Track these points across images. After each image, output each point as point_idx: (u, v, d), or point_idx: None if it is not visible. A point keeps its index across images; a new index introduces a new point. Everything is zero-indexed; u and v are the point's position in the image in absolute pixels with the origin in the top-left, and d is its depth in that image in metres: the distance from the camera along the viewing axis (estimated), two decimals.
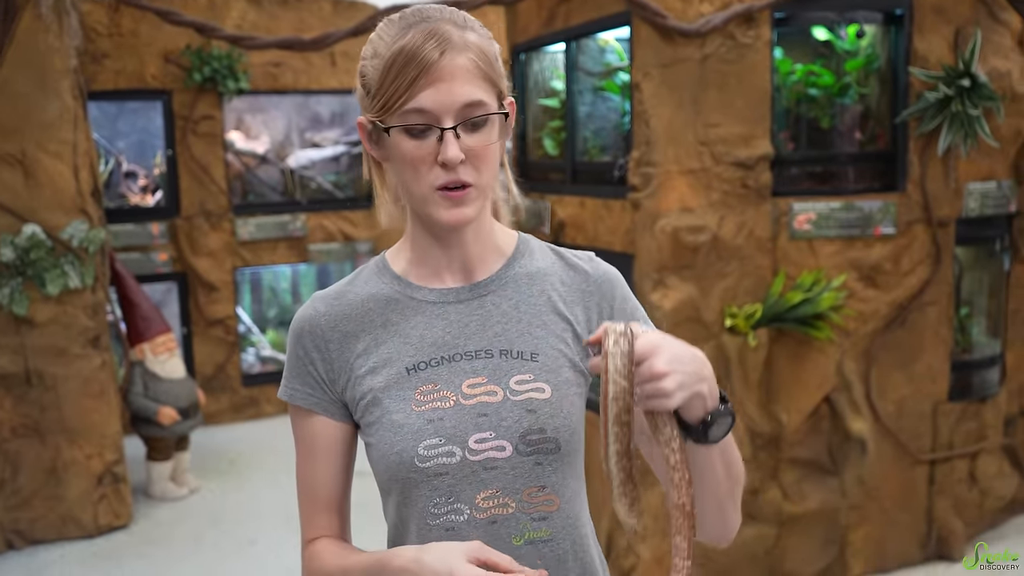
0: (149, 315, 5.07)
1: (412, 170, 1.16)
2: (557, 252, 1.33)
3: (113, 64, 6.09)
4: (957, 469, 4.10)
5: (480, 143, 1.16)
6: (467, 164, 1.15)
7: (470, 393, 1.20)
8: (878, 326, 3.83)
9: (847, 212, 3.73)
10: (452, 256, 1.25)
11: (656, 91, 3.58)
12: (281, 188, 6.91)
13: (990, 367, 4.23)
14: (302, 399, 1.26)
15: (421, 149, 1.15)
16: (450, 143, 1.13)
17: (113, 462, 4.70)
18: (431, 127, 1.14)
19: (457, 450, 1.19)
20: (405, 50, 1.12)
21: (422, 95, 1.12)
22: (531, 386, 1.21)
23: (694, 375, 1.04)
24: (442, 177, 1.15)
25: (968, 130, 3.70)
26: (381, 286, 1.26)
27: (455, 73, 1.13)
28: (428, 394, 1.20)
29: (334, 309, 1.26)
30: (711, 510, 1.18)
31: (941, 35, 3.75)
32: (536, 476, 1.20)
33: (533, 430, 1.20)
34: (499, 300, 1.25)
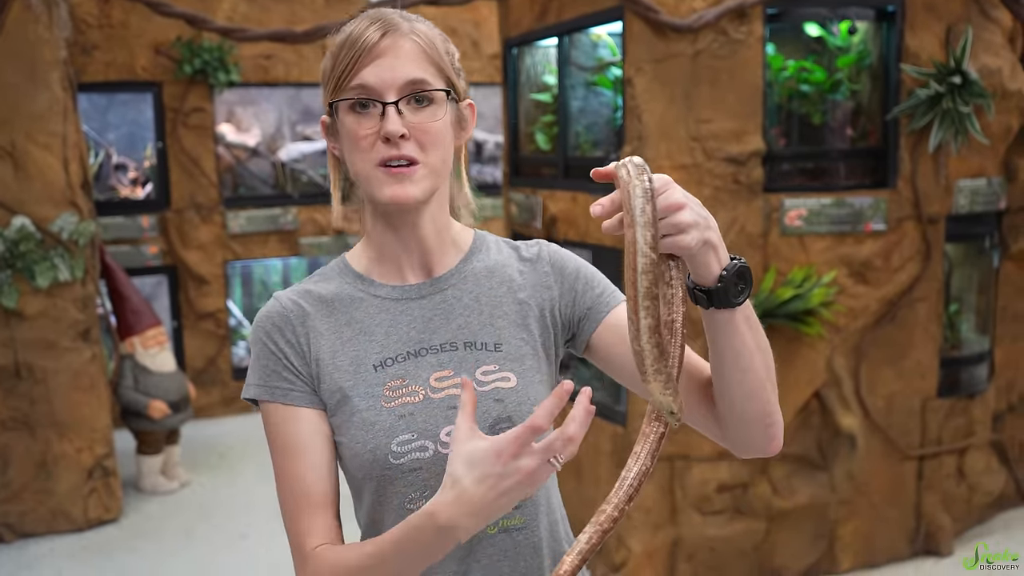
0: (139, 308, 5.06)
1: (355, 147, 1.18)
2: (512, 245, 1.35)
3: (103, 56, 6.06)
4: (945, 465, 4.13)
5: (423, 120, 1.17)
6: (411, 141, 1.17)
7: (438, 387, 1.21)
8: (868, 322, 3.85)
9: (838, 208, 3.75)
10: (410, 249, 1.26)
11: (648, 86, 3.59)
12: (272, 181, 6.90)
13: (979, 363, 4.26)
14: (282, 396, 1.21)
15: (363, 126, 1.17)
16: (391, 117, 1.15)
17: (103, 456, 4.69)
18: (373, 102, 1.16)
19: (430, 444, 1.19)
20: (351, 34, 1.18)
21: (364, 71, 1.16)
22: (497, 376, 1.22)
23: (704, 218, 1.00)
24: (383, 151, 1.16)
25: (959, 127, 3.72)
26: (344, 285, 1.27)
27: (397, 52, 1.16)
28: (396, 390, 1.20)
29: (299, 306, 1.24)
30: (752, 398, 1.12)
31: (932, 32, 3.76)
32: None
33: (502, 419, 1.20)
34: (460, 293, 1.26)
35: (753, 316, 1.10)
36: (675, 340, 1.02)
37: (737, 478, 3.82)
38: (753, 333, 1.10)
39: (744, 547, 3.88)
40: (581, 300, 1.29)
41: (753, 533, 3.87)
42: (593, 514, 1.06)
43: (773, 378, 1.15)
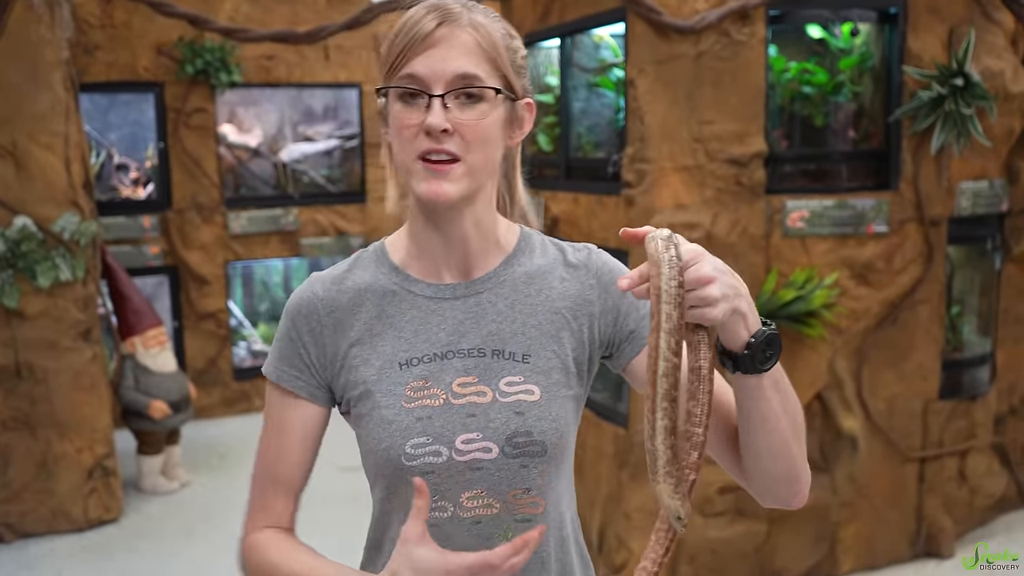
0: (140, 308, 5.06)
1: (399, 137, 1.15)
2: (559, 247, 1.30)
3: (105, 56, 6.07)
4: (947, 467, 4.12)
5: (470, 118, 1.13)
6: (455, 136, 1.13)
7: (460, 392, 1.19)
8: (870, 324, 3.85)
9: (840, 210, 3.74)
10: (452, 249, 1.22)
11: (651, 87, 3.59)
12: (273, 182, 6.90)
13: (980, 366, 4.25)
14: (288, 381, 1.23)
15: (409, 116, 1.14)
16: (435, 110, 1.12)
17: (104, 456, 4.69)
18: (421, 93, 1.13)
19: (444, 450, 1.17)
20: (407, 22, 1.14)
21: (415, 60, 1.12)
22: (521, 388, 1.20)
23: (733, 288, 0.99)
24: (424, 144, 1.13)
25: (961, 129, 3.72)
26: (379, 276, 1.25)
27: (451, 43, 1.13)
28: (419, 391, 1.19)
29: (331, 295, 1.23)
30: (778, 458, 1.12)
31: (935, 34, 3.76)
32: (521, 478, 1.19)
33: (520, 432, 1.18)
34: (495, 299, 1.23)
35: (782, 379, 1.09)
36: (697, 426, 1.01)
37: None
38: (781, 396, 1.09)
39: (745, 549, 3.88)
40: (624, 322, 1.25)
41: (754, 535, 3.87)
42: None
43: (802, 437, 1.14)
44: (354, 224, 6.96)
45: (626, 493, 3.74)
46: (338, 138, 7.09)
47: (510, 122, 1.20)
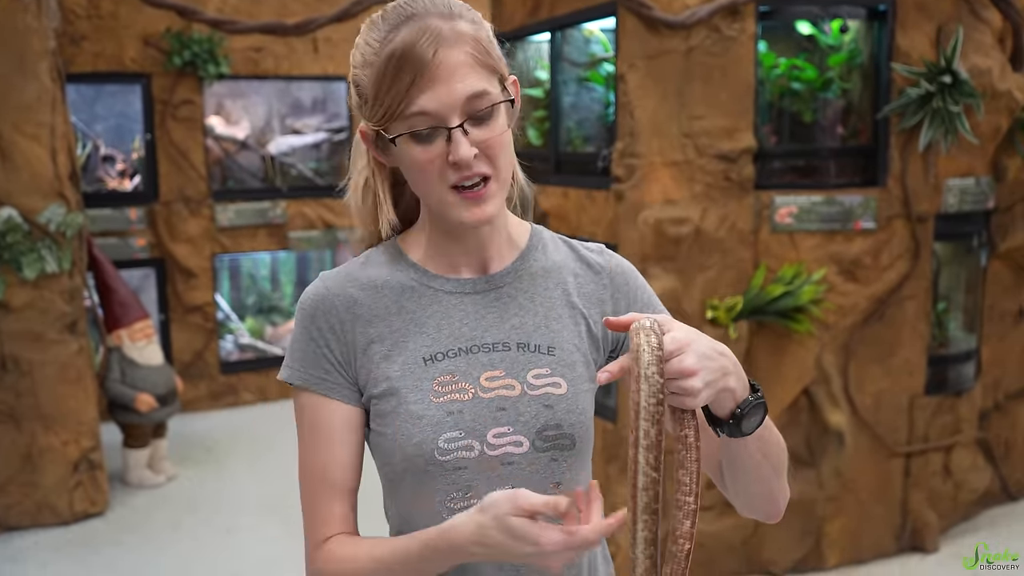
0: (127, 301, 5.03)
1: (424, 175, 1.13)
2: (569, 244, 1.31)
3: (92, 46, 6.02)
4: (932, 462, 4.15)
5: (489, 134, 1.12)
6: (480, 158, 1.12)
7: (488, 386, 1.18)
8: (857, 320, 3.87)
9: (828, 206, 3.76)
10: (469, 250, 1.23)
11: (641, 82, 3.59)
12: (261, 175, 6.87)
13: (966, 362, 4.28)
14: (317, 384, 1.20)
15: (430, 153, 1.11)
16: (460, 142, 1.10)
17: (89, 449, 4.67)
18: (437, 128, 1.10)
19: (476, 444, 1.16)
20: (396, 54, 1.09)
21: (422, 98, 1.09)
22: (548, 380, 1.20)
23: (719, 371, 1.02)
24: (455, 176, 1.12)
25: (948, 126, 3.74)
26: (397, 273, 1.23)
27: (452, 69, 1.09)
28: (446, 385, 1.17)
29: (348, 291, 1.21)
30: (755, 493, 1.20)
31: (923, 32, 3.78)
32: (551, 472, 1.19)
33: (550, 426, 1.18)
34: (515, 292, 1.24)
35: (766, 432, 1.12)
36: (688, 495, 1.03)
37: None
38: (763, 445, 1.13)
39: (732, 542, 3.89)
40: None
41: (742, 529, 3.89)
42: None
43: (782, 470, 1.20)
44: (342, 217, 6.94)
45: (614, 487, 3.75)
46: (326, 131, 7.07)
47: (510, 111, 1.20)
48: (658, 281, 3.64)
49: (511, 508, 1.00)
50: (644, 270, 3.63)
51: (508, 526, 0.99)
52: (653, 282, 3.62)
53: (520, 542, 0.99)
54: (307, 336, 1.20)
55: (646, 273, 3.63)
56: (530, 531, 0.99)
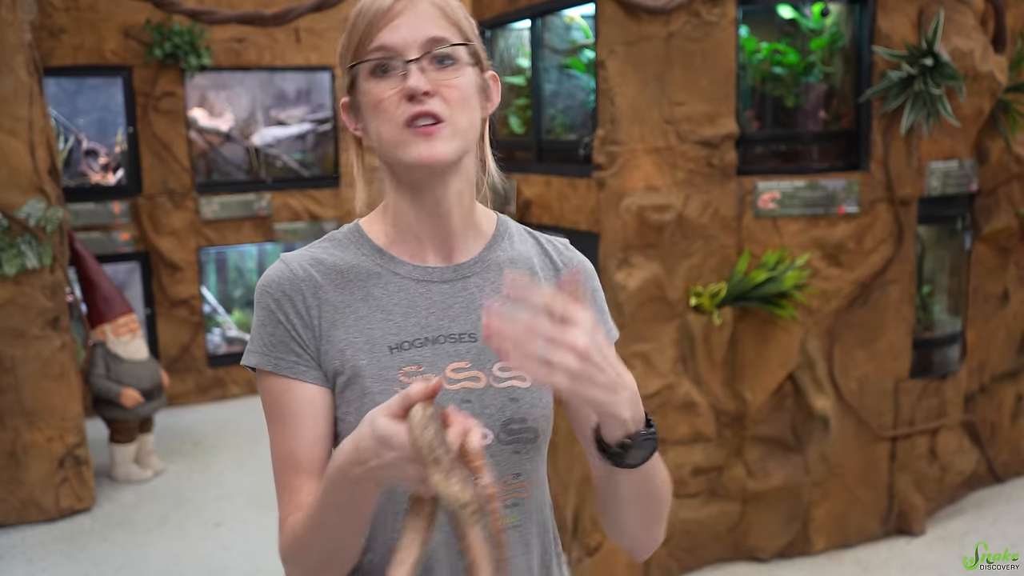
0: (110, 296, 4.99)
1: (378, 111, 1.13)
2: (534, 236, 1.31)
3: (71, 39, 5.96)
4: (918, 445, 4.15)
5: (448, 78, 1.13)
6: (436, 98, 1.12)
7: (454, 378, 1.17)
8: (841, 304, 3.85)
9: (811, 191, 3.74)
10: (433, 227, 1.20)
11: (621, 69, 3.56)
12: (246, 166, 6.83)
13: (951, 345, 4.28)
14: (288, 368, 1.16)
15: (386, 87, 1.12)
16: (414, 73, 1.11)
17: (75, 445, 4.64)
18: (395, 60, 1.12)
19: None
20: (364, 4, 1.14)
21: (382, 33, 1.12)
22: (513, 373, 1.19)
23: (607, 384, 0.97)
24: (408, 110, 1.11)
25: (930, 109, 3.72)
26: (361, 257, 1.20)
27: (416, 11, 1.13)
28: (412, 376, 1.15)
29: (311, 274, 1.18)
30: (627, 529, 1.20)
31: (904, 14, 3.75)
32: (513, 464, 1.19)
33: (515, 419, 1.18)
34: (482, 283, 1.22)
35: (652, 469, 1.10)
36: None
37: (712, 461, 3.83)
38: (646, 486, 1.12)
39: (719, 529, 3.89)
40: None
41: (728, 515, 3.88)
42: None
43: (660, 518, 1.19)
44: (328, 209, 6.90)
45: None
46: (311, 122, 7.02)
47: (482, 90, 1.19)
48: (641, 269, 3.62)
49: (382, 408, 0.97)
50: (627, 258, 3.61)
51: (374, 427, 0.96)
52: (636, 270, 3.61)
53: (384, 444, 0.95)
54: (272, 320, 1.17)
55: (629, 262, 3.61)
56: (391, 430, 0.94)
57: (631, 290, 3.60)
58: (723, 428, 3.83)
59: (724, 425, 3.83)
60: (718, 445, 3.83)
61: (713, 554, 3.92)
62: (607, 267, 3.63)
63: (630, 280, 3.60)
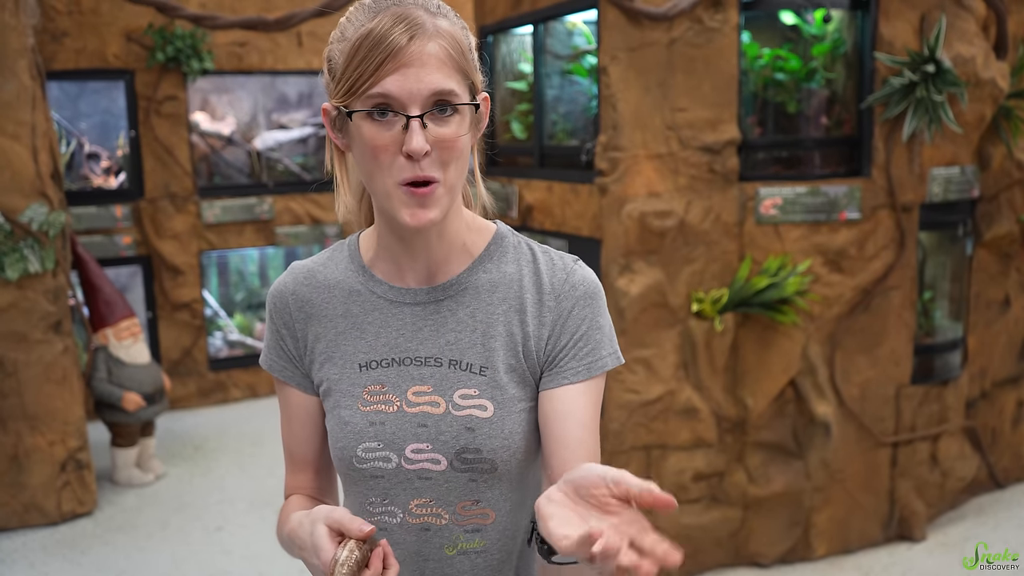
0: (112, 299, 5.00)
1: (374, 159, 1.10)
2: (534, 254, 1.24)
3: (73, 43, 5.97)
4: (919, 451, 4.15)
5: (449, 135, 1.10)
6: (433, 158, 1.09)
7: (414, 401, 1.19)
8: (843, 310, 3.86)
9: (813, 197, 3.74)
10: (416, 256, 1.20)
11: (623, 75, 3.57)
12: (247, 170, 6.83)
13: (952, 350, 4.28)
14: (278, 371, 1.29)
15: (384, 136, 1.08)
16: (415, 132, 1.07)
17: (76, 448, 4.64)
18: (396, 113, 1.08)
19: (394, 456, 1.19)
20: (373, 33, 1.07)
21: (388, 80, 1.06)
22: (474, 402, 1.18)
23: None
24: (406, 171, 1.09)
25: (932, 116, 3.72)
26: (349, 273, 1.25)
27: (424, 59, 1.07)
28: (375, 395, 1.20)
29: (302, 289, 1.26)
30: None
31: (907, 21, 3.76)
32: (470, 491, 1.19)
33: (470, 449, 1.17)
34: (455, 306, 1.21)
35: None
36: None
37: (713, 467, 3.83)
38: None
39: (720, 535, 3.89)
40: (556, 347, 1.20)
41: (729, 521, 3.88)
42: None
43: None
44: (329, 212, 6.90)
45: None
46: (312, 125, 7.03)
47: (475, 124, 1.18)
48: (643, 275, 3.62)
49: (325, 515, 1.08)
50: (629, 264, 3.62)
51: (314, 532, 1.07)
52: (638, 276, 3.62)
53: (314, 553, 1.06)
54: (272, 327, 1.29)
55: (631, 268, 3.62)
56: (322, 543, 1.05)
57: (633, 296, 3.61)
58: (724, 434, 3.83)
59: (725, 431, 3.83)
60: (719, 451, 3.83)
61: (714, 559, 3.92)
62: (609, 273, 3.63)
63: (632, 286, 3.60)
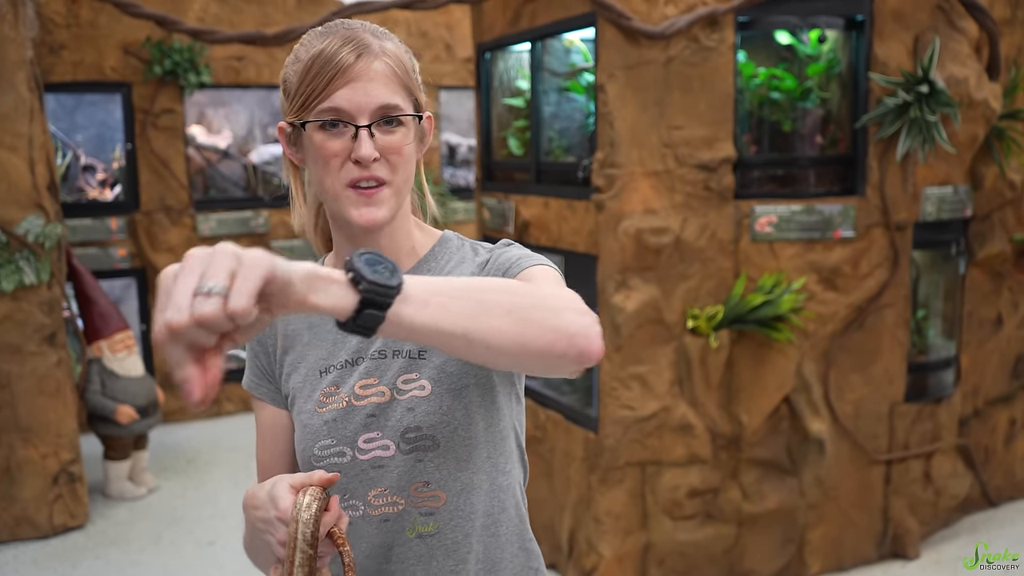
0: (107, 312, 5.00)
1: (325, 166, 1.20)
2: (475, 250, 1.34)
3: (71, 56, 5.99)
4: (912, 469, 4.16)
5: (395, 142, 1.21)
6: (381, 162, 1.20)
7: (361, 394, 1.26)
8: (837, 328, 3.88)
9: (808, 215, 3.77)
10: None
11: (620, 92, 3.59)
12: (243, 183, 6.85)
13: (945, 369, 4.30)
14: (255, 388, 1.36)
15: (335, 144, 1.19)
16: (364, 140, 1.18)
17: (69, 461, 4.63)
18: (346, 124, 1.19)
19: (348, 450, 1.25)
20: (323, 53, 1.18)
21: (338, 94, 1.17)
22: (415, 384, 1.25)
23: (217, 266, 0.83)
24: (354, 172, 1.19)
25: (926, 135, 3.76)
26: None
27: (371, 75, 1.19)
28: (330, 396, 1.27)
29: None
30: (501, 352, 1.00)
31: (901, 42, 3.80)
32: (419, 472, 1.24)
33: (411, 428, 1.23)
34: None
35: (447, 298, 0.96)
36: None
37: (707, 483, 3.84)
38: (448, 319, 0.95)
39: (714, 552, 3.89)
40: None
41: (723, 538, 3.89)
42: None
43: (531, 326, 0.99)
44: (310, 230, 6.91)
45: (596, 496, 3.75)
46: None
47: (420, 138, 1.29)
48: (638, 291, 3.64)
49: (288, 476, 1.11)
50: (624, 281, 3.63)
51: (274, 486, 1.09)
52: (634, 293, 3.63)
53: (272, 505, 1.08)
54: (249, 346, 1.36)
55: (626, 284, 3.64)
56: (281, 492, 1.07)
57: (628, 312, 3.62)
58: (719, 450, 3.84)
59: (720, 447, 3.84)
60: (714, 467, 3.84)
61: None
62: (605, 289, 3.65)
63: (628, 302, 3.62)
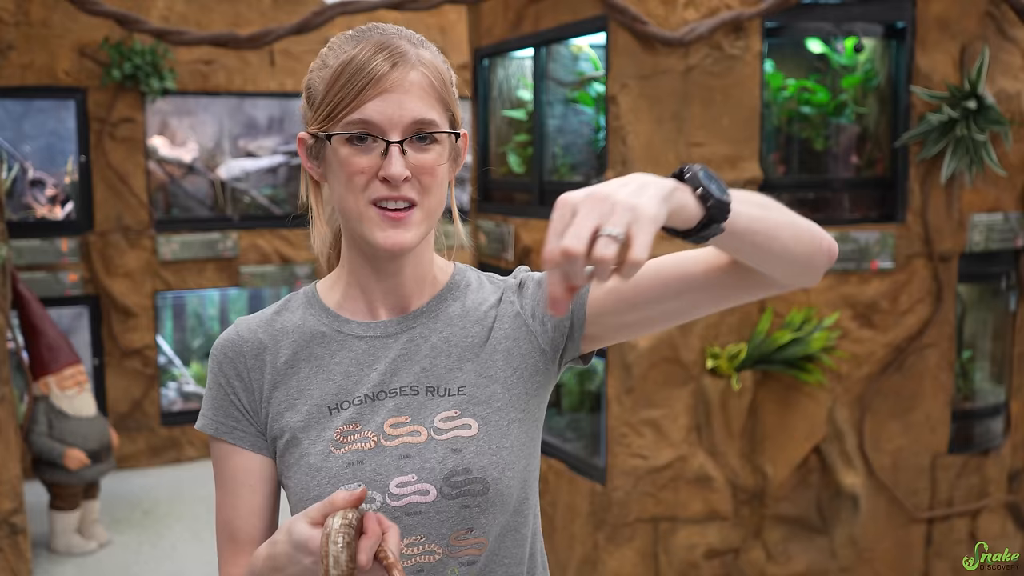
0: (56, 344, 4.98)
1: (349, 182, 1.18)
2: (493, 282, 1.36)
3: (20, 57, 6.00)
4: (956, 528, 4.14)
5: (429, 161, 1.19)
6: (412, 182, 1.19)
7: (392, 434, 1.23)
8: (873, 370, 3.87)
9: (841, 244, 3.77)
10: (387, 288, 1.28)
11: (634, 105, 3.60)
12: (210, 202, 6.85)
13: (994, 416, 4.29)
14: (228, 433, 1.28)
15: (362, 161, 1.17)
16: (395, 158, 1.16)
17: (11, 511, 4.57)
18: (376, 138, 1.17)
19: (377, 495, 1.21)
20: (355, 60, 1.17)
21: (369, 105, 1.16)
22: (457, 423, 1.23)
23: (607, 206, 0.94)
24: (381, 190, 1.18)
25: (974, 156, 3.77)
26: (308, 318, 1.30)
27: (406, 87, 1.17)
28: (348, 435, 1.23)
29: (258, 336, 1.30)
30: (795, 257, 1.17)
31: (946, 52, 3.82)
32: (463, 519, 1.22)
33: (458, 471, 1.21)
34: (428, 332, 1.28)
35: (748, 204, 1.09)
36: None
37: (727, 542, 3.81)
38: (756, 222, 1.10)
39: None
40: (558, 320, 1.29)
41: None
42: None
43: (801, 226, 1.17)
44: (301, 251, 6.91)
45: (603, 556, 3.72)
46: (284, 154, 7.07)
47: (454, 157, 1.27)
48: None
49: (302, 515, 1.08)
50: None
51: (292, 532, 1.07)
52: None
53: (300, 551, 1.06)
54: (217, 383, 1.30)
55: None
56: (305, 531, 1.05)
57: (641, 350, 3.61)
58: (741, 506, 3.82)
59: (742, 502, 3.82)
60: (735, 524, 3.81)
61: None
62: None
63: (640, 339, 3.61)
